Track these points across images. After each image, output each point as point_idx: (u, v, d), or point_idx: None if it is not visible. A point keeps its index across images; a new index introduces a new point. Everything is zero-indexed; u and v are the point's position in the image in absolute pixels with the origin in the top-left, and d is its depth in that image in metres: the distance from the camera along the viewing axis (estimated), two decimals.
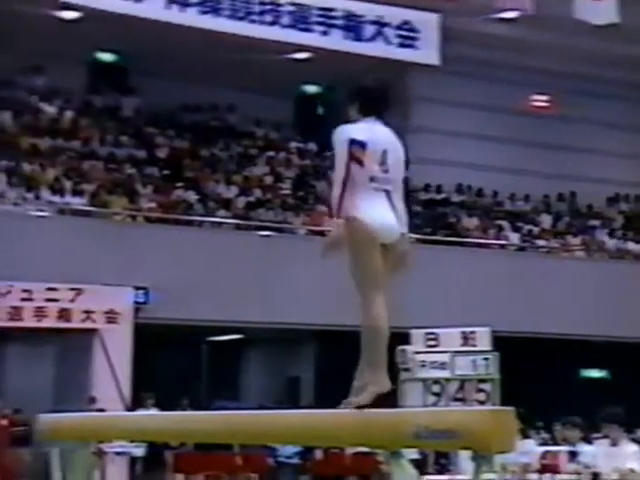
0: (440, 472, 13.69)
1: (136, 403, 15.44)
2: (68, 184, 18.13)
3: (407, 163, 5.13)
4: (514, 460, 10.12)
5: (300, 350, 21.92)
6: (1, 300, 15.35)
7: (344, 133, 4.91)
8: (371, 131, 4.89)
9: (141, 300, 16.45)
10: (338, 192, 4.82)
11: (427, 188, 22.72)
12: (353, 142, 4.82)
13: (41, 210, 16.79)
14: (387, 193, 4.89)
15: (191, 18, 19.67)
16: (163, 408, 14.24)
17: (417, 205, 22.33)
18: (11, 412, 15.33)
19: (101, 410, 13.60)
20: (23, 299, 15.48)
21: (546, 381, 19.24)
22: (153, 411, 13.46)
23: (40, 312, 15.61)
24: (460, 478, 10.29)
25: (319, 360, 21.22)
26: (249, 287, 17.28)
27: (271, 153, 22.28)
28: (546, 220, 23.22)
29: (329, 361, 20.22)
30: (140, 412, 5.41)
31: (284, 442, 9.45)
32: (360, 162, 4.79)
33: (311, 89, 24.69)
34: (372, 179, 4.82)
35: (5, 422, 14.80)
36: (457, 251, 20.08)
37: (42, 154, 18.92)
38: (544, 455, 12.74)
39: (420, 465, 12.06)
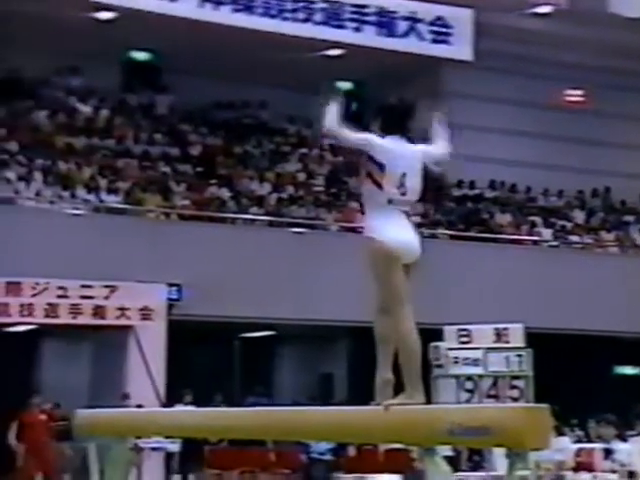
0: (473, 469, 13.67)
1: (171, 399, 15.53)
2: (103, 182, 18.27)
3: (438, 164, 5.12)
4: (548, 458, 10.07)
5: (333, 347, 21.92)
6: (38, 297, 15.50)
7: (370, 139, 4.98)
8: (392, 152, 4.94)
9: (174, 297, 16.54)
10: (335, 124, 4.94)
11: (460, 184, 22.64)
12: (372, 160, 4.90)
13: (76, 208, 16.93)
14: (406, 214, 4.98)
15: (224, 16, 19.75)
16: (197, 404, 14.33)
17: (450, 201, 22.28)
18: (51, 407, 15.48)
19: (138, 406, 13.72)
20: (59, 296, 15.62)
21: (580, 378, 19.12)
22: (189, 407, 13.54)
23: (75, 309, 15.75)
24: (494, 475, 10.26)
25: (352, 357, 21.20)
26: (282, 284, 17.32)
27: (304, 150, 22.31)
28: (580, 216, 23.06)
29: (362, 358, 20.15)
30: (175, 408, 5.44)
31: (317, 439, 9.48)
32: (379, 185, 4.88)
33: (344, 86, 24.67)
34: (390, 201, 4.90)
35: (44, 417, 14.96)
36: (490, 247, 19.99)
37: (77, 153, 19.08)
38: (578, 453, 12.67)
39: (453, 462, 12.03)
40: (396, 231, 4.88)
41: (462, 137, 22.39)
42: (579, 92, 23.78)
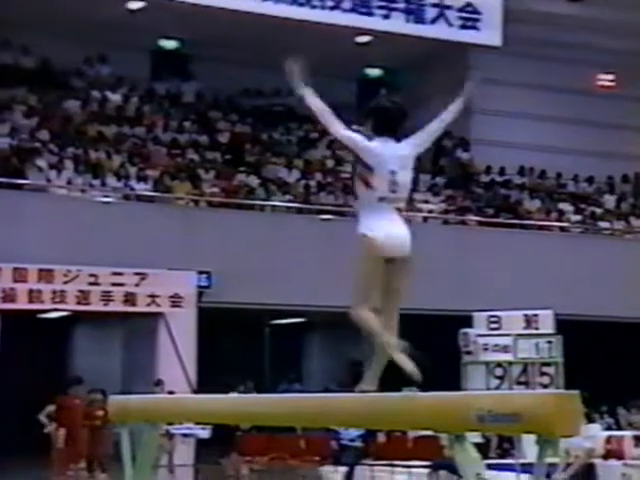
0: (502, 456, 13.62)
1: (202, 386, 15.61)
2: (133, 170, 18.35)
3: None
4: (578, 445, 10.02)
5: (362, 333, 21.92)
6: (69, 284, 15.62)
7: (359, 140, 5.11)
8: (380, 154, 5.03)
9: (204, 284, 16.60)
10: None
11: (489, 170, 22.53)
12: (362, 163, 5.02)
13: (107, 196, 17.03)
14: (398, 209, 5.06)
15: (252, 4, 19.75)
16: (227, 391, 14.39)
17: (479, 187, 22.19)
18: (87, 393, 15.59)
19: (170, 392, 13.81)
20: (90, 283, 15.74)
21: (610, 365, 19.00)
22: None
23: (107, 296, 15.86)
24: (523, 462, 10.23)
25: None
26: (311, 270, 17.33)
27: (332, 136, 22.21)
28: (610, 201, 22.88)
29: None
30: (207, 395, 5.47)
31: (347, 425, 9.48)
32: (369, 185, 5.00)
33: (373, 72, 24.61)
34: (381, 199, 5.01)
35: (80, 401, 15.11)
36: (519, 233, 19.90)
37: (108, 141, 19.17)
38: (609, 440, 12.60)
39: (483, 449, 12.01)
40: (386, 227, 4.98)
41: (491, 123, 22.49)
42: (609, 76, 23.57)
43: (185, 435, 14.91)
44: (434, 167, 22.67)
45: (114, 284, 15.91)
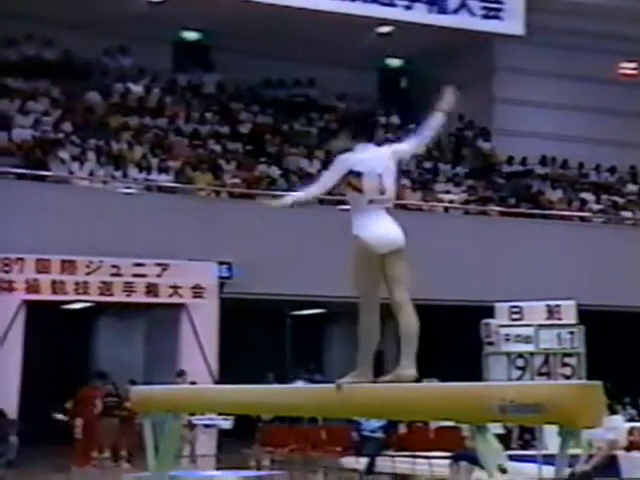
0: (524, 447, 13.58)
1: (223, 376, 15.66)
2: (154, 161, 18.40)
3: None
4: (601, 436, 9.96)
5: (383, 324, 21.91)
6: (92, 275, 15.71)
7: (344, 163, 5.45)
8: (367, 160, 5.42)
9: (225, 275, 16.63)
10: (312, 190, 5.50)
11: (511, 160, 22.44)
12: (352, 173, 5.38)
13: (128, 187, 17.09)
14: (387, 209, 5.47)
15: None
16: (248, 382, 14.42)
17: (500, 177, 22.10)
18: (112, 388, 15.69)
19: (192, 383, 13.86)
20: (112, 274, 15.82)
21: (633, 355, 18.91)
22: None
23: (129, 287, 15.93)
24: (545, 454, 10.19)
25: None
26: (332, 261, 17.24)
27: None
28: (632, 191, 22.73)
29: None
30: (229, 386, 5.49)
31: (368, 416, 9.49)
32: (359, 190, 5.37)
33: (394, 62, 24.55)
34: (371, 201, 5.40)
35: (98, 392, 15.22)
36: (541, 223, 19.81)
37: (130, 133, 19.22)
38: (631, 431, 12.53)
39: (504, 440, 11.98)
40: (376, 226, 5.37)
41: (513, 112, 22.38)
42: (632, 65, 23.38)
43: (207, 426, 14.98)
44: (455, 157, 22.61)
45: (136, 275, 15.97)
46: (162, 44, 21.32)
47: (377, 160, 5.45)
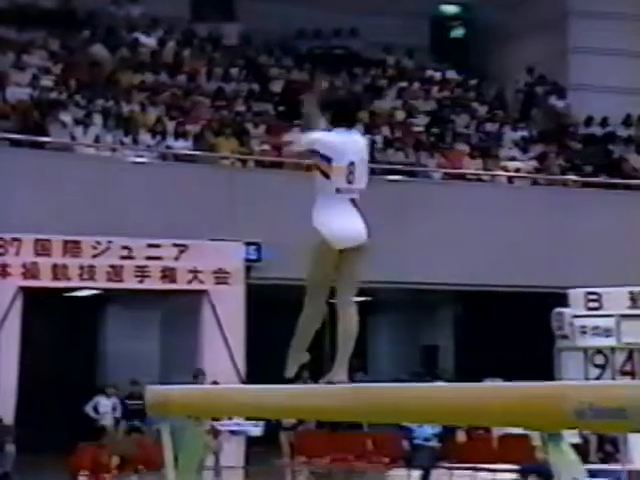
0: (604, 461, 13.47)
1: (250, 374, 15.73)
2: (170, 125, 18.48)
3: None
4: None
5: (437, 314, 21.93)
6: (99, 258, 15.81)
7: (314, 140, 5.85)
8: (339, 144, 5.79)
9: (253, 257, 16.69)
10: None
11: (589, 121, 22.26)
12: (321, 156, 5.77)
13: (140, 156, 17.17)
14: (352, 200, 5.91)
15: None
16: (279, 381, 14.48)
17: (576, 141, 21.94)
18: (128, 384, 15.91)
19: (214, 383, 13.92)
20: (123, 257, 15.92)
21: None
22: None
23: (141, 272, 16.04)
24: (630, 470, 10.14)
25: (459, 326, 21.19)
26: (376, 241, 17.29)
27: (403, 84, 22.18)
28: None
29: (472, 327, 20.16)
30: (260, 386, 5.47)
31: (421, 421, 9.50)
32: (327, 175, 5.78)
33: (449, 9, 24.44)
34: (338, 190, 5.82)
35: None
36: (623, 195, 19.67)
37: (141, 92, 19.29)
38: None
39: (581, 451, 11.94)
40: (339, 220, 5.84)
41: (590, 64, 22.16)
42: None
43: (233, 432, 15.05)
44: (523, 118, 22.47)
45: (150, 258, 16.08)
46: None
47: (351, 148, 5.82)
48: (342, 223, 5.86)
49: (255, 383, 6.77)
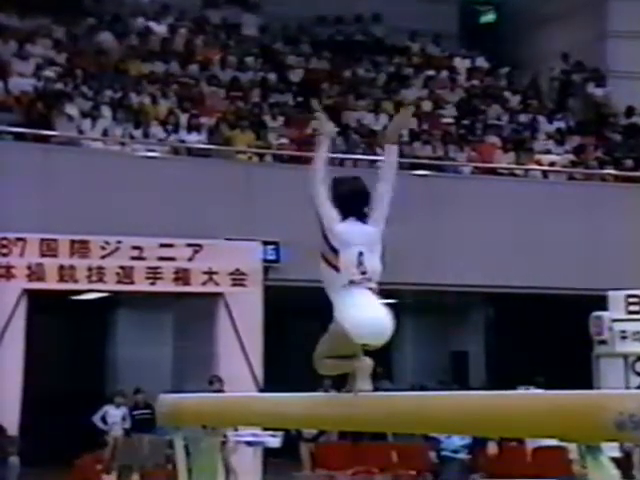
0: None
1: (268, 382, 15.76)
2: (183, 118, 18.52)
3: None
4: None
5: (467, 318, 21.89)
6: (108, 259, 15.85)
7: (328, 225, 5.90)
8: (346, 235, 5.84)
9: (271, 257, 16.71)
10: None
11: (630, 111, 22.18)
12: (327, 242, 5.84)
13: (151, 150, 17.21)
14: (371, 290, 5.86)
15: None
16: (299, 389, 14.51)
17: (616, 133, 21.87)
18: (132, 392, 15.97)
19: (229, 391, 13.95)
20: (133, 258, 15.95)
21: None
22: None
23: (153, 273, 16.07)
24: None
25: (491, 330, 21.15)
26: (403, 239, 17.30)
27: (430, 72, 22.16)
28: None
29: (504, 331, 20.13)
30: (279, 394, 5.49)
31: (449, 431, 9.48)
32: (336, 268, 5.80)
33: None
34: (352, 282, 5.80)
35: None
36: None
37: (152, 82, 19.35)
38: None
39: (622, 466, 11.90)
40: (361, 312, 5.76)
41: (632, 48, 22.06)
42: None
43: (250, 443, 15.07)
44: (559, 108, 22.41)
45: (162, 258, 16.11)
46: None
47: (360, 238, 5.87)
48: (366, 315, 5.81)
49: (273, 391, 6.77)
